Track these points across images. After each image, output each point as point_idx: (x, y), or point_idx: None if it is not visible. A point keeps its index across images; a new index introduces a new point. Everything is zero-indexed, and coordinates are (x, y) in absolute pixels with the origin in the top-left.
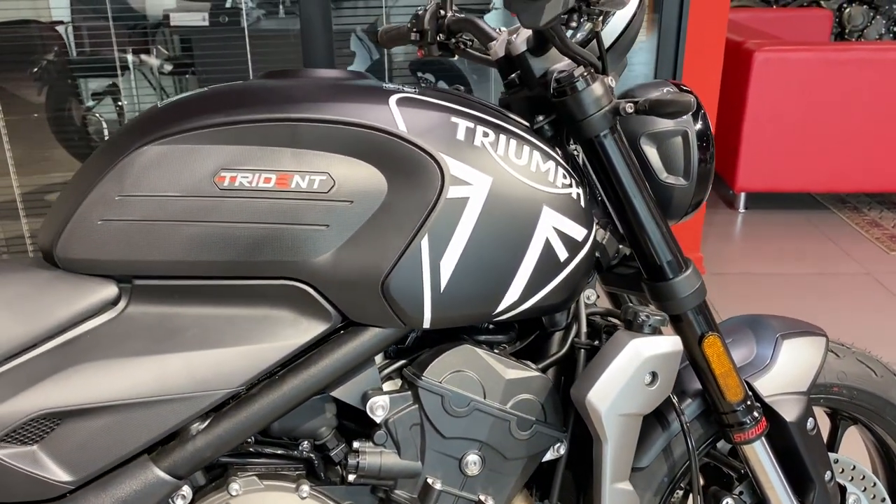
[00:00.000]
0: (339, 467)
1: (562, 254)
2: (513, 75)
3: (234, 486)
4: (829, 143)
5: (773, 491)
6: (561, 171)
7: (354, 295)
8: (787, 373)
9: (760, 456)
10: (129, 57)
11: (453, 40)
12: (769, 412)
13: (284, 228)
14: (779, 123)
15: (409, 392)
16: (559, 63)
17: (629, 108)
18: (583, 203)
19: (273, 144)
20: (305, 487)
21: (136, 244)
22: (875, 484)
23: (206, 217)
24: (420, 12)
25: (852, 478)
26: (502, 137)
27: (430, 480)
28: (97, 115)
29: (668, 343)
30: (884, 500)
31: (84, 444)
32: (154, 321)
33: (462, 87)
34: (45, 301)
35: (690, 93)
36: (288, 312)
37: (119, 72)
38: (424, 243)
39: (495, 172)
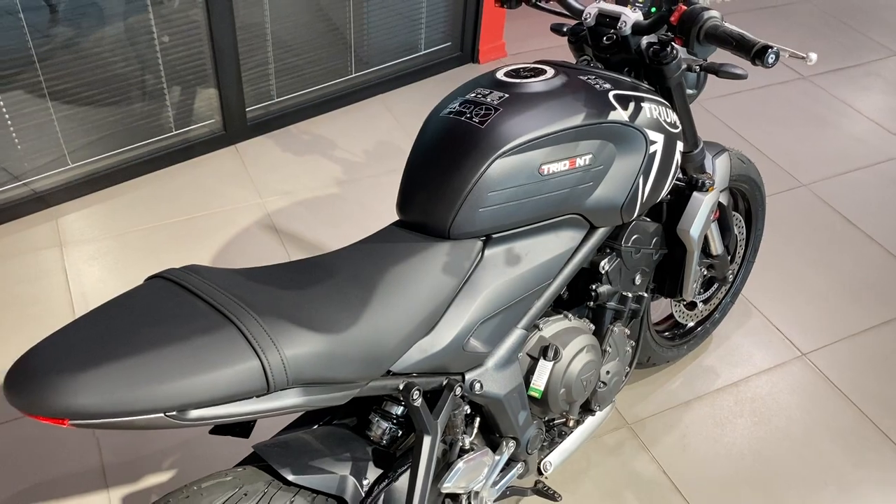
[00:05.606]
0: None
1: (679, 160)
2: (606, 41)
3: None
4: None
5: (714, 242)
6: (675, 116)
7: (605, 214)
8: (720, 177)
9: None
10: None
11: None
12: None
13: (576, 189)
14: None
15: (614, 253)
16: (645, 37)
17: (696, 68)
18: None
19: (567, 142)
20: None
21: (496, 217)
22: (740, 221)
23: (537, 193)
24: None
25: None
26: (658, 107)
27: (626, 294)
28: None
29: (719, 190)
30: (744, 231)
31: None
32: (500, 257)
33: None
34: (459, 261)
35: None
36: (566, 231)
37: None
38: (640, 179)
39: (663, 130)
